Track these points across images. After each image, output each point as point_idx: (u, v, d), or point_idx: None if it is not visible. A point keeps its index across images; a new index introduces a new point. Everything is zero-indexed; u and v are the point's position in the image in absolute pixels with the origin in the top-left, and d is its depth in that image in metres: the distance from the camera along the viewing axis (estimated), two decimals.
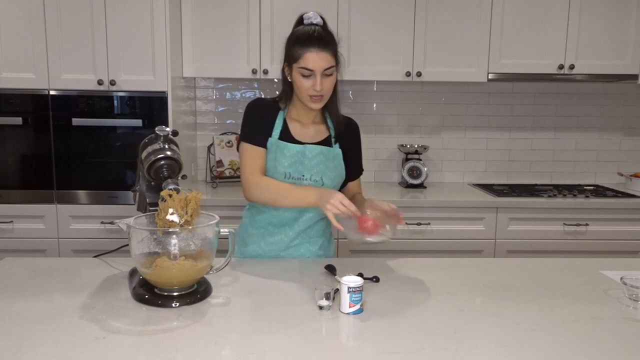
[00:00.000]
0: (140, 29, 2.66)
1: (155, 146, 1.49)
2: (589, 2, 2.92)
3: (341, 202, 1.45)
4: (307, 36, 1.57)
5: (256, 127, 1.68)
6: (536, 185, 3.32)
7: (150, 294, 1.34)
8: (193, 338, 1.14)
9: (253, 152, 1.67)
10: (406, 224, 2.80)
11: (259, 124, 1.68)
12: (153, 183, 1.52)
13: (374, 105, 3.33)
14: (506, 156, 3.41)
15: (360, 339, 1.17)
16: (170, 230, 1.32)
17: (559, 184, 3.35)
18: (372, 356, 1.07)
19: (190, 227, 1.35)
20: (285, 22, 2.90)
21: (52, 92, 2.69)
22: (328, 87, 1.60)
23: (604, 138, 3.41)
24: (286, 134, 1.69)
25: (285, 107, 1.72)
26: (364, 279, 1.31)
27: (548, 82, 3.33)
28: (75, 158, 2.73)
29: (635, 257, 2.85)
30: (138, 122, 2.72)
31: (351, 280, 1.26)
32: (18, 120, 2.68)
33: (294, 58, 1.58)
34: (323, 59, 1.56)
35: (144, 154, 1.50)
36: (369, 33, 2.93)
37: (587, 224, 2.84)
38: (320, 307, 1.29)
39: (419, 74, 2.96)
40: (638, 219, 2.85)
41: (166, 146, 1.48)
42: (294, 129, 1.70)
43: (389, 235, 1.49)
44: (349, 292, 1.26)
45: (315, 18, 1.63)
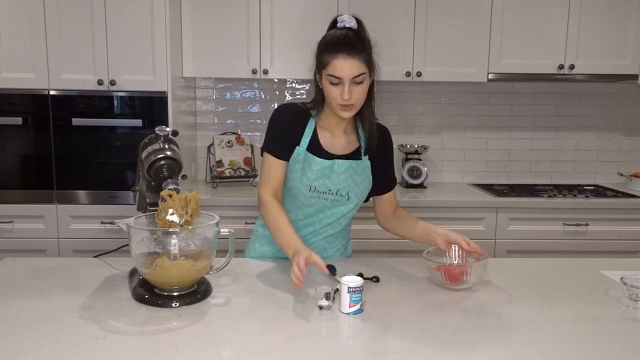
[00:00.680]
0: (140, 29, 2.66)
1: (155, 146, 1.49)
2: (589, 2, 2.92)
3: (296, 270, 1.29)
4: (336, 42, 1.49)
5: (280, 138, 1.58)
6: (536, 185, 3.32)
7: (150, 294, 1.34)
8: (193, 338, 1.14)
9: (272, 165, 1.58)
10: None
11: (284, 134, 1.58)
12: (153, 183, 1.52)
13: (374, 106, 3.32)
14: (506, 156, 3.41)
15: (360, 339, 1.17)
16: (170, 230, 1.32)
17: (559, 184, 3.35)
18: (372, 356, 1.07)
19: (190, 227, 1.34)
20: (286, 21, 2.90)
21: (52, 92, 2.69)
22: (358, 95, 1.51)
23: (604, 138, 3.41)
24: (315, 145, 1.59)
25: (317, 114, 1.62)
26: (364, 279, 1.31)
27: (548, 82, 3.33)
28: (75, 158, 2.73)
29: (635, 257, 2.85)
30: (138, 122, 2.72)
31: (351, 280, 1.26)
32: (18, 120, 2.68)
33: (323, 65, 1.49)
34: (352, 66, 1.47)
35: (144, 154, 1.50)
36: (369, 33, 2.92)
37: (587, 224, 2.84)
38: (320, 307, 1.29)
39: (419, 74, 2.96)
40: (638, 219, 2.85)
41: (166, 146, 1.48)
42: (324, 139, 1.61)
43: (473, 283, 1.44)
44: (349, 292, 1.26)
45: (350, 22, 1.54)
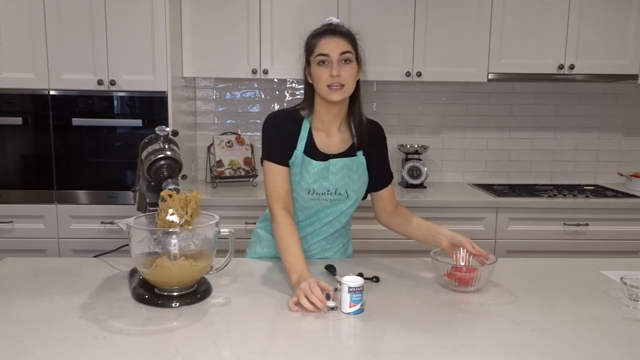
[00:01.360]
0: (140, 29, 2.66)
1: (155, 146, 1.48)
2: (589, 2, 2.92)
3: (308, 294, 1.27)
4: (322, 28, 1.57)
5: (279, 144, 1.59)
6: (536, 185, 3.32)
7: (150, 294, 1.34)
8: (193, 338, 1.14)
9: (276, 174, 1.58)
10: None
11: (281, 139, 1.59)
12: (153, 183, 1.52)
13: (374, 105, 3.33)
14: (506, 156, 3.41)
15: (360, 339, 1.17)
16: (170, 230, 1.32)
17: (559, 184, 3.35)
18: (372, 356, 1.07)
19: (190, 227, 1.34)
20: (286, 21, 2.90)
21: (52, 92, 2.69)
22: (347, 75, 1.52)
23: (604, 138, 3.41)
24: (311, 147, 1.60)
25: (309, 115, 1.63)
26: (364, 279, 1.31)
27: (548, 82, 3.33)
28: (75, 158, 2.73)
29: (635, 257, 2.85)
30: (138, 122, 2.72)
31: (352, 280, 1.26)
32: (18, 120, 2.68)
33: (310, 50, 1.55)
34: (338, 43, 1.52)
35: (144, 154, 1.50)
36: (369, 33, 2.91)
37: (587, 224, 2.84)
38: (330, 309, 1.28)
39: (419, 74, 2.96)
40: (638, 219, 2.85)
41: (166, 146, 1.48)
42: (319, 140, 1.62)
43: (481, 286, 1.44)
44: (349, 292, 1.26)
45: (334, 20, 1.61)
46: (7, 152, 2.72)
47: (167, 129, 1.51)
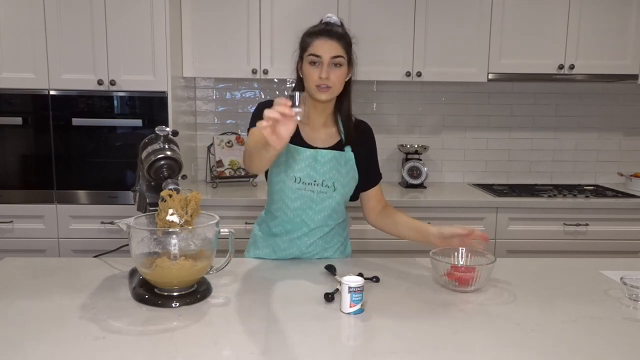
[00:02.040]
0: (140, 29, 2.66)
1: (155, 146, 1.48)
2: (589, 2, 2.92)
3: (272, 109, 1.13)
4: (318, 28, 1.63)
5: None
6: (536, 185, 3.32)
7: (150, 294, 1.34)
8: (193, 338, 1.14)
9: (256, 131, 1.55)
10: None
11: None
12: (153, 183, 1.52)
13: (374, 105, 3.33)
14: (506, 156, 3.41)
15: (360, 339, 1.17)
16: (170, 230, 1.32)
17: (559, 184, 3.35)
18: (372, 356, 1.07)
19: (190, 227, 1.34)
20: (286, 22, 2.90)
21: (52, 92, 2.69)
22: (336, 78, 1.57)
23: (604, 138, 3.41)
24: (297, 137, 1.63)
25: None
26: (364, 279, 1.31)
27: (548, 82, 3.33)
28: (75, 158, 2.73)
29: (635, 257, 2.85)
30: (138, 122, 2.72)
31: (352, 280, 1.26)
32: (18, 120, 2.68)
33: (304, 48, 1.61)
34: (331, 46, 1.56)
35: (144, 154, 1.50)
36: (369, 33, 2.93)
37: (587, 224, 2.84)
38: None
39: (419, 74, 2.96)
40: (638, 219, 2.85)
41: (166, 146, 1.48)
42: (305, 132, 1.66)
43: (481, 286, 1.44)
44: (349, 292, 1.26)
45: (333, 18, 1.67)
46: (7, 152, 2.72)
47: (167, 129, 1.51)
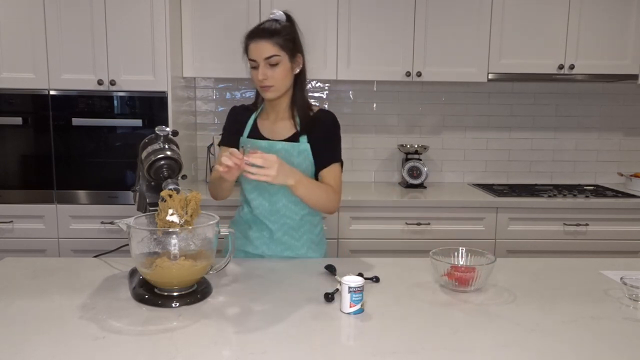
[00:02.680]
0: (140, 29, 2.66)
1: (155, 146, 1.48)
2: (589, 2, 2.92)
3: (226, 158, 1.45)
4: (254, 29, 1.65)
5: (229, 131, 1.80)
6: (536, 185, 3.32)
7: (150, 294, 1.34)
8: (193, 338, 1.14)
9: (221, 152, 1.76)
10: (406, 223, 2.80)
11: (231, 127, 1.79)
12: (153, 183, 1.52)
13: (374, 105, 3.33)
14: (506, 156, 3.41)
15: (360, 339, 1.17)
16: (170, 230, 1.32)
17: (559, 184, 3.35)
18: (372, 356, 1.07)
19: (190, 227, 1.34)
20: None
21: (52, 92, 2.69)
22: (275, 76, 1.63)
23: (604, 138, 3.41)
24: (255, 133, 1.76)
25: (260, 108, 1.79)
26: (364, 279, 1.31)
27: (548, 82, 3.33)
28: (75, 158, 2.73)
29: (635, 257, 2.85)
30: (138, 122, 2.72)
31: (352, 280, 1.26)
32: (18, 120, 2.68)
33: (245, 52, 1.67)
34: (263, 48, 1.61)
35: (144, 154, 1.50)
36: (369, 33, 2.93)
37: (587, 224, 2.84)
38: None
39: (419, 74, 2.96)
40: (638, 219, 2.85)
41: (166, 146, 1.48)
42: (264, 127, 1.76)
43: (480, 285, 1.43)
44: (349, 292, 1.26)
45: (275, 14, 1.67)
46: (7, 152, 2.72)
47: (167, 129, 1.51)
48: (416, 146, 3.21)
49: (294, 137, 1.72)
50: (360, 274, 1.46)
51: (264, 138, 1.74)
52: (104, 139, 2.73)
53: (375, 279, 1.50)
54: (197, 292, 1.36)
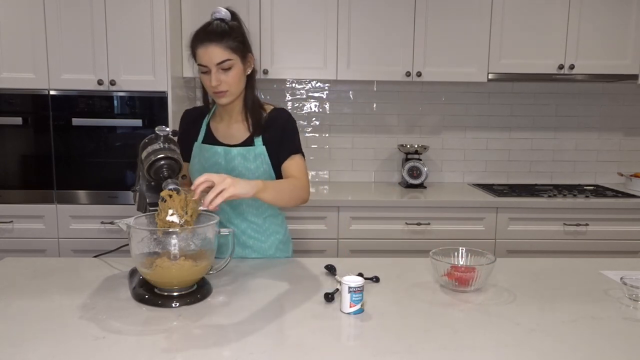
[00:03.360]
0: (140, 29, 2.66)
1: (155, 146, 1.48)
2: (589, 2, 2.92)
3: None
4: (200, 32, 1.57)
5: (183, 139, 1.68)
6: (536, 185, 3.32)
7: (150, 294, 1.34)
8: (193, 338, 1.14)
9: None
10: (406, 223, 2.80)
11: (183, 138, 1.69)
12: (153, 183, 1.52)
13: (374, 105, 3.33)
14: (506, 156, 3.41)
15: (360, 339, 1.17)
16: (170, 230, 1.32)
17: (559, 184, 3.35)
18: (372, 356, 1.07)
19: (190, 227, 1.34)
20: (286, 21, 2.90)
21: (52, 92, 2.69)
22: (229, 81, 1.57)
23: (604, 138, 3.41)
24: (210, 137, 1.70)
25: (212, 110, 1.74)
26: (364, 279, 1.31)
27: (548, 82, 3.33)
28: (75, 158, 2.73)
29: (635, 257, 2.85)
30: (138, 122, 2.72)
31: (352, 280, 1.26)
32: (18, 120, 2.68)
33: (193, 56, 1.59)
34: (213, 53, 1.53)
35: (144, 154, 1.49)
36: (369, 33, 2.93)
37: (587, 224, 2.84)
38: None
39: (419, 74, 2.96)
40: (638, 219, 2.85)
41: (166, 146, 1.48)
42: (218, 131, 1.70)
43: (480, 285, 1.43)
44: (349, 292, 1.26)
45: (220, 13, 1.59)
46: (7, 152, 2.72)
47: (167, 129, 1.51)
48: (416, 146, 3.21)
49: (249, 141, 1.67)
50: (360, 274, 1.46)
51: (219, 143, 1.68)
52: (104, 139, 2.73)
53: (375, 279, 1.50)
54: (197, 292, 1.36)
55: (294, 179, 1.62)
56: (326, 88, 3.31)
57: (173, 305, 1.31)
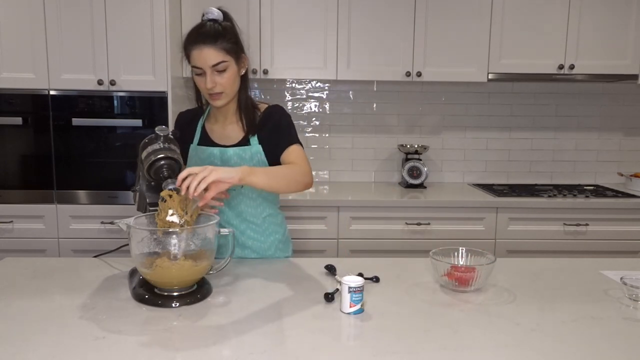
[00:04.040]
0: (140, 29, 2.66)
1: (155, 146, 1.48)
2: (589, 2, 2.92)
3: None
4: (194, 33, 1.55)
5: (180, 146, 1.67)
6: (536, 185, 3.32)
7: (150, 294, 1.34)
8: (193, 338, 1.14)
9: None
10: (406, 223, 2.80)
11: (181, 136, 1.65)
12: (153, 183, 1.52)
13: (374, 105, 3.33)
14: (506, 156, 3.41)
15: (360, 339, 1.17)
16: (170, 230, 1.32)
17: (559, 184, 3.35)
18: (372, 356, 1.07)
19: (190, 227, 1.34)
20: (286, 21, 2.90)
21: (52, 92, 2.69)
22: (224, 82, 1.56)
23: (604, 138, 3.41)
24: (205, 139, 1.70)
25: (206, 112, 1.73)
26: (364, 279, 1.31)
27: (548, 82, 3.33)
28: (75, 158, 2.73)
29: (635, 257, 2.85)
30: (138, 122, 2.72)
31: (352, 280, 1.26)
32: (18, 120, 2.68)
33: (187, 58, 1.57)
34: (208, 55, 1.52)
35: (144, 154, 1.49)
36: (369, 33, 2.93)
37: (587, 224, 2.84)
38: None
39: (419, 74, 2.96)
40: (638, 219, 2.85)
41: (166, 146, 1.48)
42: (214, 133, 1.70)
43: (480, 285, 1.43)
44: (349, 292, 1.26)
45: (212, 14, 1.58)
46: (7, 152, 2.72)
47: (167, 129, 1.51)
48: (416, 146, 3.21)
49: (244, 140, 1.67)
50: (360, 274, 1.46)
51: (215, 144, 1.68)
52: (104, 139, 2.73)
53: (375, 279, 1.50)
54: (197, 292, 1.36)
55: (292, 165, 1.59)
56: (326, 88, 3.32)
57: (173, 305, 1.31)
